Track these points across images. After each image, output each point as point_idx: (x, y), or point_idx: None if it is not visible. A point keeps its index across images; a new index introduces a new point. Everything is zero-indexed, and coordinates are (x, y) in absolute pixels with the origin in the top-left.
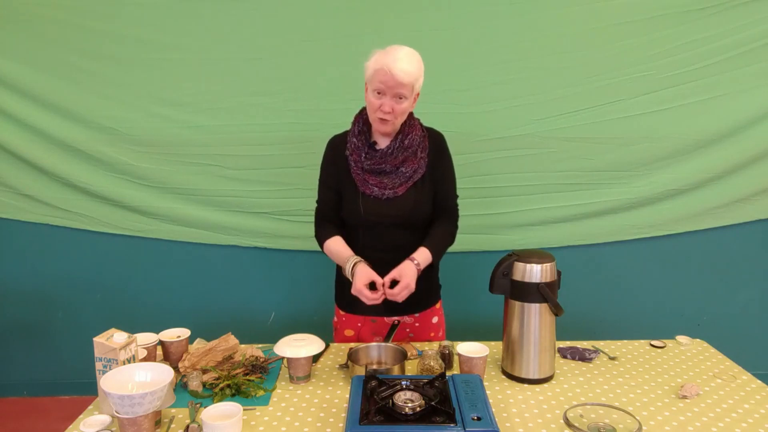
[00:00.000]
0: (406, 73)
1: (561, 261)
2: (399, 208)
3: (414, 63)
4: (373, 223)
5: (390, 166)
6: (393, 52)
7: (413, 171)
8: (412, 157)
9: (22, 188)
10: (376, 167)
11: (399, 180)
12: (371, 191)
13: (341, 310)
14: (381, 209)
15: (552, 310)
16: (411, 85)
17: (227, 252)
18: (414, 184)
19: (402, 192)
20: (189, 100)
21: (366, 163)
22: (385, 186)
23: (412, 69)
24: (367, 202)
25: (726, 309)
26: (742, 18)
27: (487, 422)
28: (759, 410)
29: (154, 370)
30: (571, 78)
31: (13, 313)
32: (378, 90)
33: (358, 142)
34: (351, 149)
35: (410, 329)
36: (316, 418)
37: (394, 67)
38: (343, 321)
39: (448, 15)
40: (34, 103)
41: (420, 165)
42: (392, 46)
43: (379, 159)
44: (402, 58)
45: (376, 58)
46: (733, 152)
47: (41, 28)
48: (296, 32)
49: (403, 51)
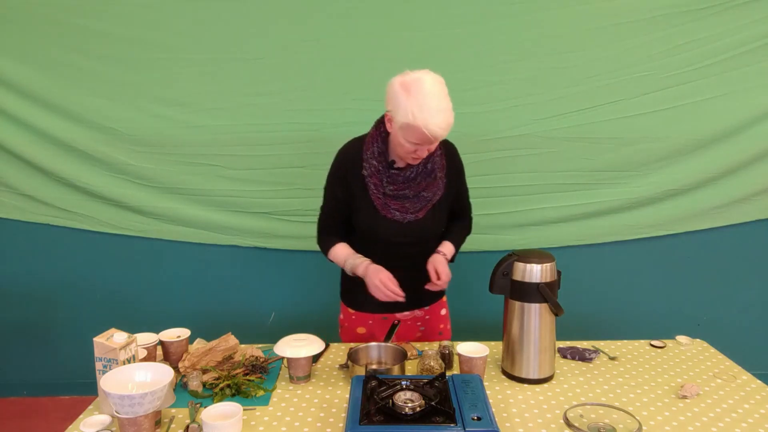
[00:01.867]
0: (444, 129)
1: (561, 261)
2: (418, 230)
3: (448, 105)
4: (390, 243)
5: (412, 191)
6: (426, 105)
7: (433, 194)
8: (433, 180)
9: (22, 188)
10: (398, 193)
11: (420, 204)
12: (392, 215)
13: (350, 308)
14: (400, 231)
15: (552, 310)
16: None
17: (227, 252)
18: (433, 206)
19: (422, 215)
20: (189, 100)
21: (388, 188)
22: (407, 210)
23: (449, 118)
24: (387, 224)
25: (726, 309)
26: (742, 18)
27: (487, 422)
28: (759, 410)
29: (154, 370)
30: (571, 78)
31: (13, 313)
32: (413, 142)
33: (378, 165)
34: (370, 171)
35: (421, 323)
36: (316, 418)
37: (432, 128)
38: (352, 319)
39: (448, 15)
40: (34, 103)
41: (439, 186)
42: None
43: (402, 185)
44: (439, 112)
45: (410, 109)
46: (733, 152)
47: (41, 28)
48: (296, 32)
49: (435, 95)
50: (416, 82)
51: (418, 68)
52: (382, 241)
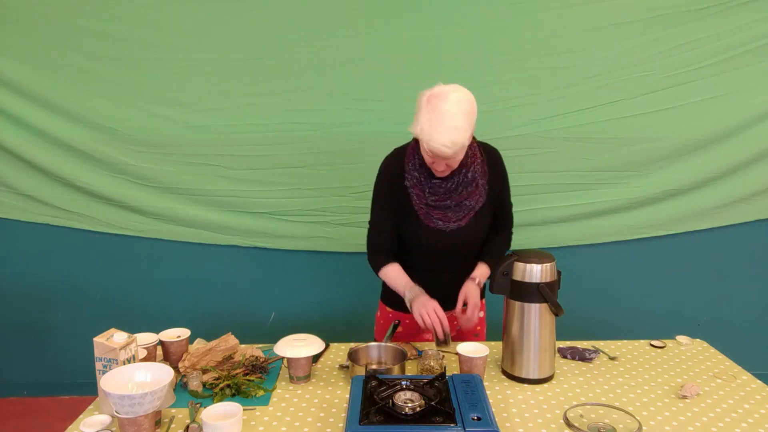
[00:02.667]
0: (449, 148)
1: (561, 261)
2: (462, 238)
3: (461, 124)
4: (433, 251)
5: (454, 201)
6: (436, 121)
7: (475, 202)
8: (475, 189)
9: (22, 188)
10: (440, 203)
11: (463, 212)
12: (435, 224)
13: (389, 308)
14: (444, 239)
15: (552, 310)
16: (459, 149)
17: (227, 252)
18: (475, 214)
19: (465, 223)
20: (189, 100)
21: (430, 198)
22: (449, 219)
23: (458, 137)
24: (430, 233)
25: (726, 309)
26: (742, 18)
27: (487, 422)
28: (759, 410)
29: (154, 370)
30: (571, 78)
31: (13, 313)
32: (428, 154)
33: (420, 176)
34: (412, 182)
35: (458, 322)
36: (316, 418)
37: (435, 146)
38: (389, 317)
39: (448, 15)
40: (34, 103)
41: (481, 194)
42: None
43: (443, 195)
44: (446, 130)
45: (421, 124)
46: (733, 152)
47: (41, 28)
48: (296, 32)
49: (449, 117)
50: (439, 96)
51: (417, 68)
52: (425, 249)
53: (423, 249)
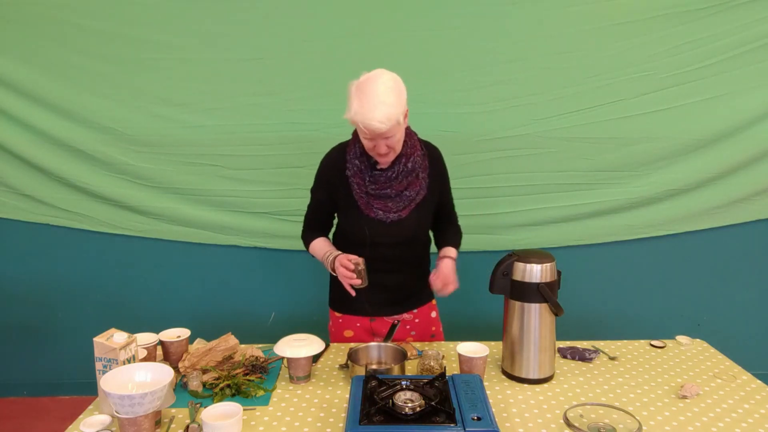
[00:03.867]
0: (384, 123)
1: (561, 261)
2: (403, 230)
3: (390, 99)
4: (376, 243)
5: (394, 190)
6: (366, 98)
7: (416, 193)
8: (415, 179)
9: (22, 188)
10: (380, 192)
11: (403, 203)
12: (376, 214)
13: (337, 312)
14: (385, 231)
15: (552, 310)
16: (395, 124)
17: (227, 252)
18: (416, 206)
19: (406, 214)
20: (189, 100)
21: (370, 187)
22: (390, 209)
23: (390, 111)
24: (372, 224)
25: (726, 309)
26: (742, 18)
27: (487, 422)
28: (759, 410)
29: (154, 370)
30: (571, 78)
31: (13, 313)
32: (366, 137)
33: (360, 165)
34: (353, 171)
35: (410, 326)
36: (316, 418)
37: (370, 122)
38: (339, 323)
39: (447, 15)
40: (34, 103)
41: (422, 186)
42: (365, 81)
43: (383, 184)
44: (377, 104)
45: (353, 108)
46: (733, 152)
47: (41, 27)
48: (296, 32)
49: (377, 91)
50: (366, 80)
51: (417, 68)
52: (368, 241)
53: (366, 242)
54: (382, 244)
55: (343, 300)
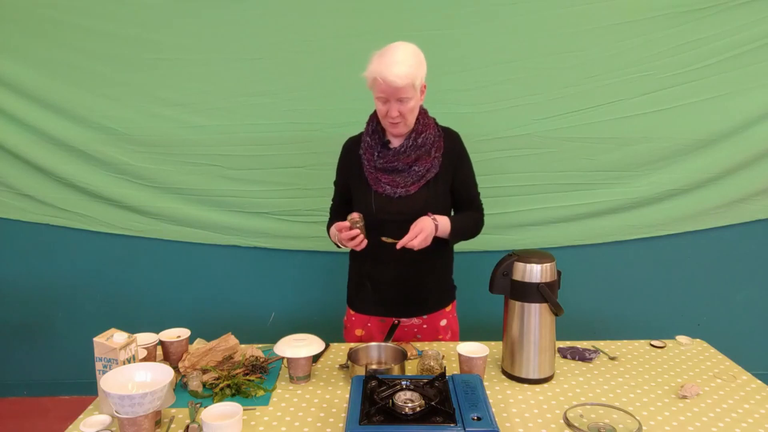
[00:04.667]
0: (401, 78)
1: (561, 261)
2: (410, 207)
3: (409, 61)
4: (384, 221)
5: (402, 164)
6: (386, 57)
7: (426, 170)
8: (426, 155)
9: (22, 188)
10: (388, 165)
11: (411, 179)
12: (383, 189)
13: (352, 310)
14: (392, 207)
15: (552, 310)
16: (410, 85)
17: (227, 252)
18: (426, 183)
19: (414, 191)
20: (189, 100)
21: (378, 161)
22: (398, 184)
23: (408, 70)
24: (379, 199)
25: (726, 309)
26: (742, 18)
27: (487, 422)
28: (759, 410)
29: (154, 370)
30: (571, 78)
31: (13, 313)
32: (380, 98)
33: (371, 141)
34: (364, 148)
35: (417, 330)
36: (316, 418)
37: (388, 74)
38: (353, 320)
39: (448, 15)
40: (34, 103)
41: (433, 164)
42: (387, 47)
43: (391, 157)
44: (396, 62)
45: (371, 66)
46: (733, 152)
47: (41, 28)
48: (296, 32)
49: (398, 53)
50: (388, 46)
51: None
52: (376, 221)
53: (373, 219)
54: (388, 222)
55: (357, 298)
